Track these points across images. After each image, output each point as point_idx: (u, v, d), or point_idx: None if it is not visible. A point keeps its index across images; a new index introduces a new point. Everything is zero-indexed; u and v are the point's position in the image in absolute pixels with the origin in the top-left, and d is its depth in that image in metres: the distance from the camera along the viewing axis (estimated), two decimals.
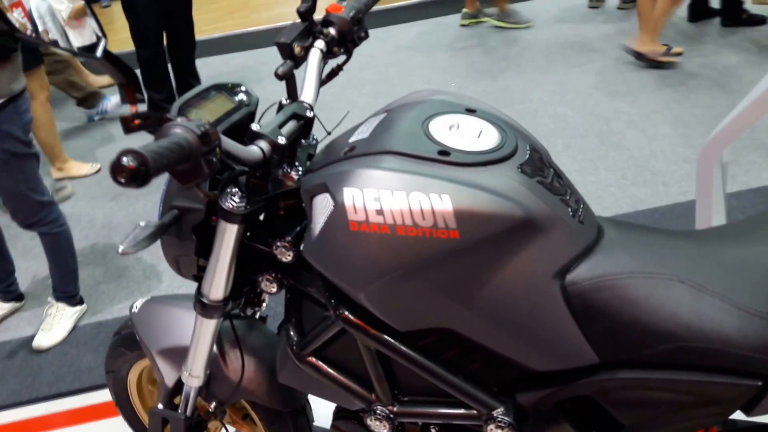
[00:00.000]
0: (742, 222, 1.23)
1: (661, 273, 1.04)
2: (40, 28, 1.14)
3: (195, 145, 0.89)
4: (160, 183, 1.07)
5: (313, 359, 1.24)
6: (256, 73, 5.03)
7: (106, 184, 3.77)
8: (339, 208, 1.04)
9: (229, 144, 1.03)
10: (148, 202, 3.55)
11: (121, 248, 1.15)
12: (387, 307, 1.09)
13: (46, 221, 2.54)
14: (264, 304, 1.49)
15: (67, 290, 2.74)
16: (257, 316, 1.55)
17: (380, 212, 1.02)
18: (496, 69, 4.67)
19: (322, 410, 1.71)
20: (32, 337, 2.70)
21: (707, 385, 1.01)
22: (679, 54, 4.21)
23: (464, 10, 5.51)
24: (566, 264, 1.05)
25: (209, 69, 4.93)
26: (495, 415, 1.16)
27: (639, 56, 4.24)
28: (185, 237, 1.25)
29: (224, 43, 5.97)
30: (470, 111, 1.17)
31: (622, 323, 1.03)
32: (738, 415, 1.09)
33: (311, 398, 1.61)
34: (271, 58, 5.67)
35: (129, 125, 0.95)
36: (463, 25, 5.49)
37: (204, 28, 5.57)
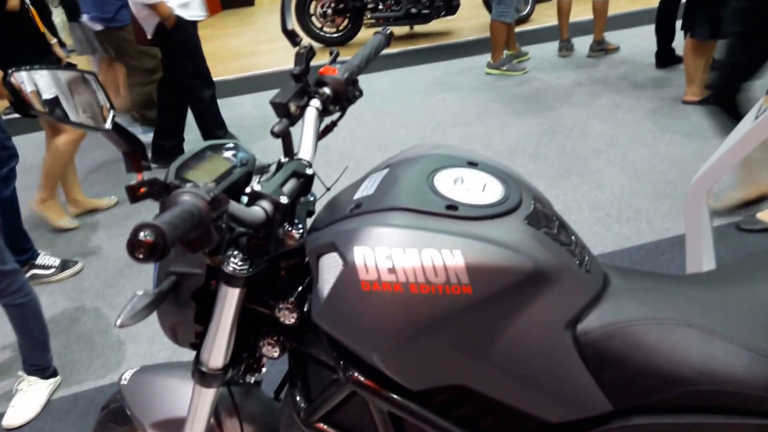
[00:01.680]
0: (740, 263, 1.24)
1: (669, 318, 1.04)
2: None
3: (205, 212, 0.86)
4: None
5: (323, 425, 1.19)
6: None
7: (76, 244, 3.69)
8: (350, 268, 1.01)
9: (234, 207, 1.00)
10: (120, 261, 3.47)
11: (118, 321, 1.09)
12: (401, 367, 1.06)
13: (9, 291, 2.40)
14: (263, 370, 1.44)
15: (37, 362, 2.60)
16: (252, 380, 1.49)
17: (392, 270, 0.99)
18: (474, 114, 4.74)
19: None
20: (2, 415, 2.56)
21: (722, 427, 1.01)
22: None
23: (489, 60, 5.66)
24: (577, 313, 1.05)
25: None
26: None
27: (701, 103, 4.27)
28: (184, 304, 1.20)
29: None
30: (472, 164, 1.17)
31: (634, 370, 1.02)
32: None
33: None
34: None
35: (135, 194, 0.92)
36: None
37: None
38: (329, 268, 1.06)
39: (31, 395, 2.57)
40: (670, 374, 1.00)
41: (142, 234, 0.76)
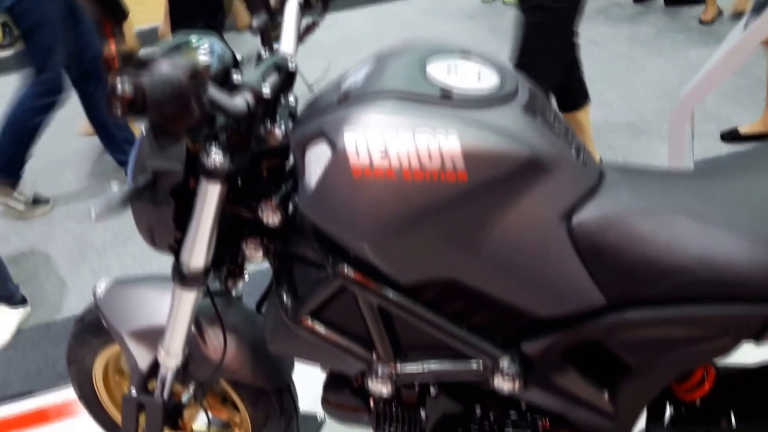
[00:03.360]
0: (733, 157, 1.22)
1: (667, 208, 1.03)
2: None
3: (185, 84, 0.83)
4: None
5: (310, 322, 1.17)
6: None
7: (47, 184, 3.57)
8: (340, 155, 0.98)
9: (215, 92, 0.95)
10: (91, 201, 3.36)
11: (93, 213, 1.04)
12: (391, 258, 1.04)
13: None
14: (246, 276, 1.40)
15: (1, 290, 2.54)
16: (234, 290, 1.46)
17: (385, 155, 0.96)
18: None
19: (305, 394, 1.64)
20: None
21: (718, 316, 1.00)
22: None
23: None
24: (572, 205, 1.03)
25: None
26: (500, 365, 1.12)
27: None
28: (161, 202, 1.15)
29: None
30: (465, 53, 1.12)
31: (630, 261, 1.01)
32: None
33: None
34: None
35: (110, 66, 0.87)
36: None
37: None
38: (317, 159, 1.02)
39: (1, 323, 2.51)
40: (666, 264, 0.99)
41: (120, 87, 0.72)
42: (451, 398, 1.27)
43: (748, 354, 1.23)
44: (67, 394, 2.13)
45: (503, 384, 1.13)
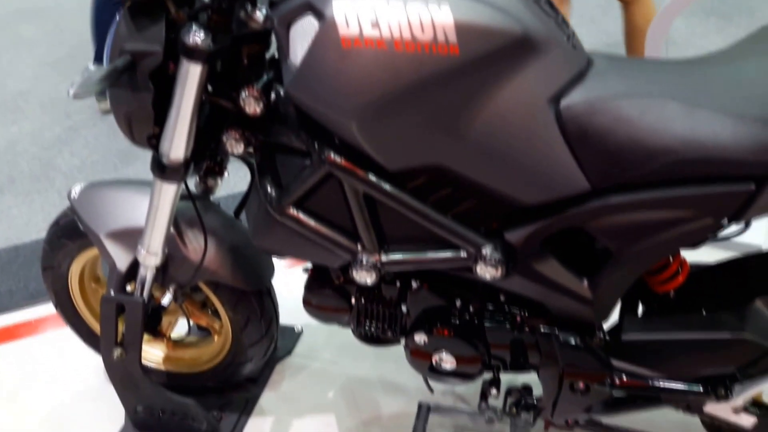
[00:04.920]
0: (726, 50, 1.22)
1: (654, 92, 1.03)
2: None
3: None
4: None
5: (295, 211, 1.16)
6: None
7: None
8: (328, 24, 0.96)
9: None
10: (56, 127, 3.27)
11: (71, 91, 1.02)
12: (379, 140, 1.03)
13: None
14: (226, 173, 1.39)
15: None
16: (213, 188, 1.44)
17: (376, 25, 0.94)
18: None
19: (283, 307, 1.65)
20: None
21: (700, 195, 1.02)
22: None
23: None
24: (561, 88, 1.03)
25: None
26: (483, 253, 1.13)
27: None
28: (140, 87, 1.13)
29: None
30: None
31: (616, 144, 1.02)
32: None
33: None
34: None
35: None
36: None
37: None
38: (303, 34, 1.00)
39: None
40: (652, 146, 1.00)
41: None
42: (432, 292, 1.29)
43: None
44: (41, 310, 2.12)
45: (486, 271, 1.14)
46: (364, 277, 1.19)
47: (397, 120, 1.01)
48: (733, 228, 1.12)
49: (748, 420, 1.21)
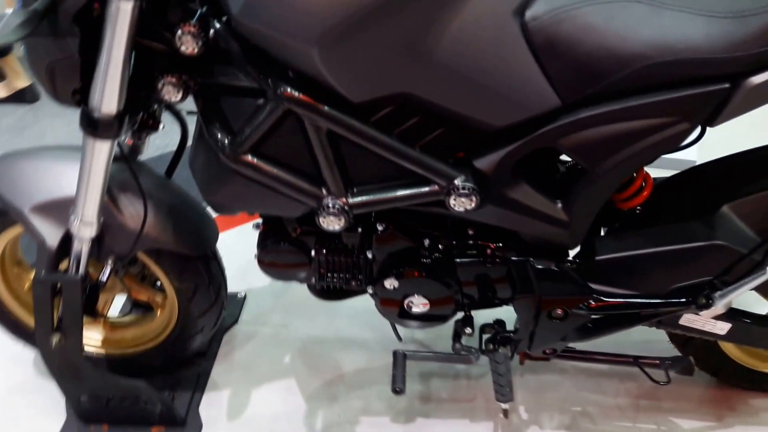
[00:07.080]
0: None
1: None
2: None
3: None
4: None
5: (251, 158, 1.06)
6: None
7: None
8: None
9: None
10: None
11: None
12: (342, 69, 0.95)
13: None
14: (161, 126, 1.26)
15: None
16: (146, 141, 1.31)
17: None
18: None
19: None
20: None
21: (675, 100, 1.00)
22: None
23: None
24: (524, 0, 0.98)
25: None
26: (456, 184, 1.07)
27: None
28: (63, 32, 0.99)
29: None
30: None
31: (584, 53, 0.98)
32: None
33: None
34: None
35: None
36: None
37: None
38: None
39: None
40: (621, 53, 0.97)
41: None
42: (398, 234, 1.23)
43: None
44: None
45: (459, 203, 1.09)
46: (332, 224, 1.11)
47: (361, 48, 0.93)
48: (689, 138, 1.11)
49: (723, 327, 1.23)
